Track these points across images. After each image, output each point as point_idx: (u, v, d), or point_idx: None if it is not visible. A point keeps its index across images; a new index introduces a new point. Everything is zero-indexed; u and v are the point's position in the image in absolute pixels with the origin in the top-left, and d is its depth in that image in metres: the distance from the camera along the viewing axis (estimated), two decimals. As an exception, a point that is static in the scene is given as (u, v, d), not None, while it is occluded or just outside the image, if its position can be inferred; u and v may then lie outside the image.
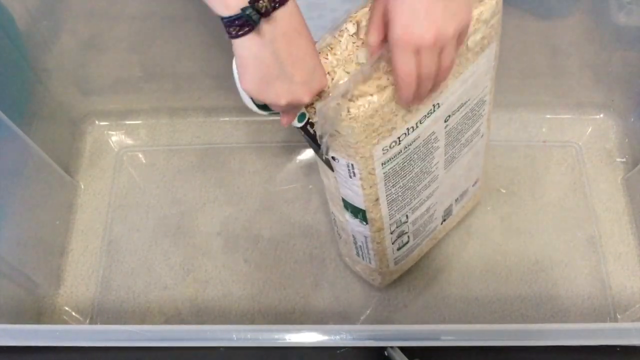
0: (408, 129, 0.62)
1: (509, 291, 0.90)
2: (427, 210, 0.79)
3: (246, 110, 1.20)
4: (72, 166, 1.03)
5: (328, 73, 0.58)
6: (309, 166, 1.01)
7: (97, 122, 1.07)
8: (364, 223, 0.72)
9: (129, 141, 1.06)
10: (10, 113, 0.82)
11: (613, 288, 0.90)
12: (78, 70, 1.01)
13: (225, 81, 1.03)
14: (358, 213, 0.71)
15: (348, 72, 0.58)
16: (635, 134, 0.99)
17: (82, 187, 1.02)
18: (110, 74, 1.02)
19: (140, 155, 1.05)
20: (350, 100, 0.56)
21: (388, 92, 0.57)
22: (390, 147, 0.62)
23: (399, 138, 0.62)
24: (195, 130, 1.06)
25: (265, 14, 0.47)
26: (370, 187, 0.66)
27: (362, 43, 0.60)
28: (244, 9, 0.46)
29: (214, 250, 0.95)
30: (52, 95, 1.00)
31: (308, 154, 1.03)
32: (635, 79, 0.97)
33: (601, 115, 1.04)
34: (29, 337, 0.58)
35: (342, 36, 0.60)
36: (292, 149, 1.03)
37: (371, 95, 0.56)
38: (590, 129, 1.03)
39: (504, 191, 0.98)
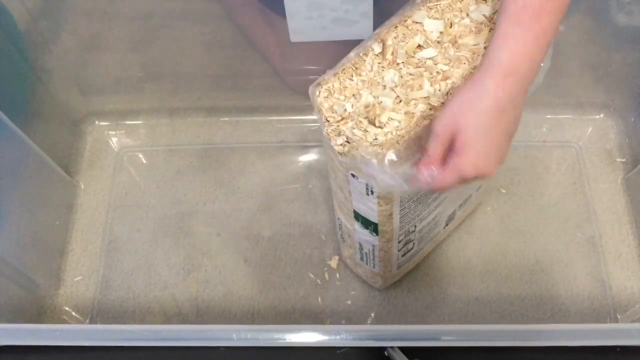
0: None
1: (509, 291, 0.90)
2: (434, 218, 0.79)
3: (246, 110, 1.19)
4: (72, 166, 1.03)
5: (353, 95, 0.57)
6: (309, 166, 1.01)
7: (97, 122, 1.07)
8: (374, 234, 0.72)
9: (129, 141, 1.06)
10: (10, 113, 0.82)
11: (613, 288, 0.90)
12: (78, 70, 1.01)
13: (225, 81, 1.04)
14: (369, 225, 0.70)
15: (375, 96, 0.57)
16: (635, 134, 0.99)
17: (82, 187, 1.02)
18: (110, 74, 1.02)
19: (140, 155, 1.04)
20: (378, 127, 0.56)
21: (415, 119, 0.56)
22: (410, 168, 0.62)
23: (419, 158, 0.62)
24: (195, 130, 1.06)
25: None
26: (387, 204, 0.65)
27: (388, 64, 0.59)
28: None
29: (214, 250, 0.95)
30: (52, 95, 1.00)
31: (308, 154, 1.03)
32: (635, 79, 0.97)
33: (601, 115, 1.03)
34: (29, 337, 0.58)
35: (367, 55, 0.60)
36: (292, 149, 1.03)
37: (399, 122, 0.56)
38: (590, 129, 1.03)
39: (504, 191, 0.98)
